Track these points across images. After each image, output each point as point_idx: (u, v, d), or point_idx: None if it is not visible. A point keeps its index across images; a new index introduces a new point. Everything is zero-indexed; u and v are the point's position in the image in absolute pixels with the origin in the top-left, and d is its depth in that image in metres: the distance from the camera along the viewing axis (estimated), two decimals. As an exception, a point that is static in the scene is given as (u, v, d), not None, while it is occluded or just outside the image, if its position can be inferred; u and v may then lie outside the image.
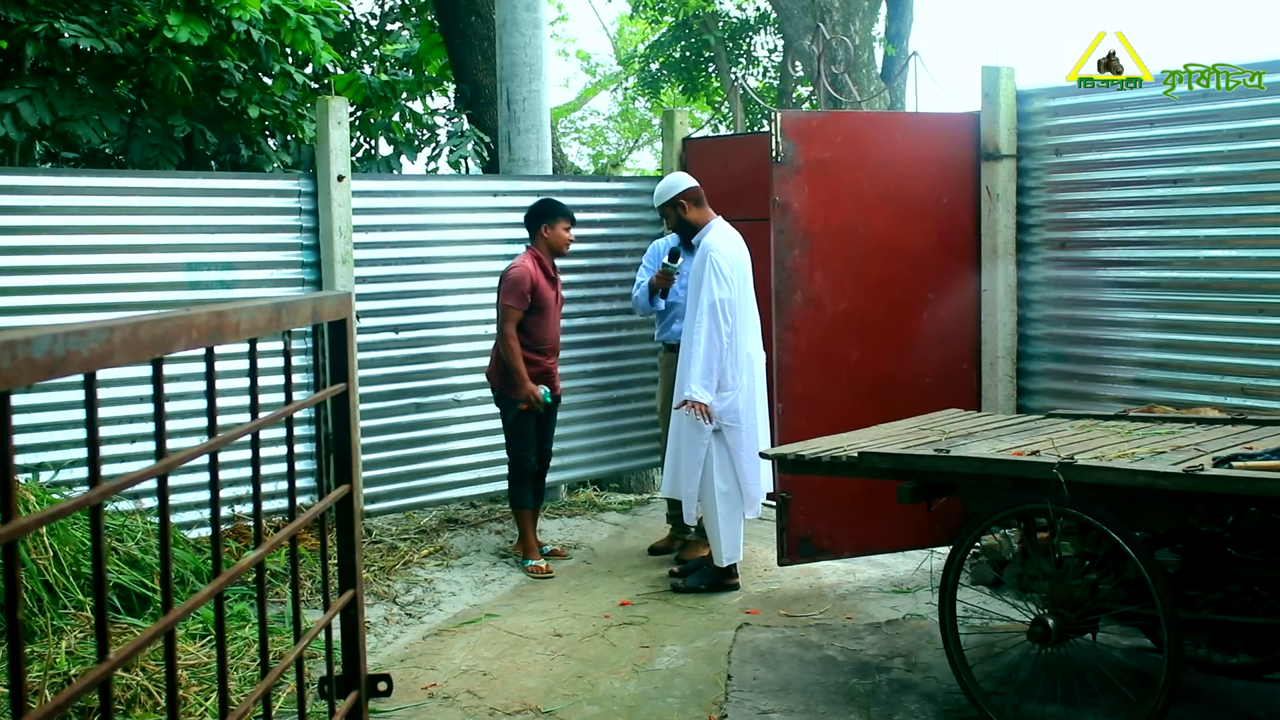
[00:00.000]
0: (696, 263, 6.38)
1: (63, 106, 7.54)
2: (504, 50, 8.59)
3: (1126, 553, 4.20)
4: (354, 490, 2.04)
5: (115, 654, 1.22)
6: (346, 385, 1.99)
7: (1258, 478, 3.85)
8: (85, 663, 4.79)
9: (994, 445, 4.76)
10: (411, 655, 5.65)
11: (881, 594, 6.41)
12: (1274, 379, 5.88)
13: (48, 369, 1.08)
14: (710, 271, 6.24)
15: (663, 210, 6.78)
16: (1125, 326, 6.52)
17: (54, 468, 6.23)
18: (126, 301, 6.54)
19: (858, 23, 13.64)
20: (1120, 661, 4.94)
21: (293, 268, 7.16)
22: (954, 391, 6.76)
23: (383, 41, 12.50)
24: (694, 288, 6.34)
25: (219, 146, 8.72)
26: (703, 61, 19.59)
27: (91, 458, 1.21)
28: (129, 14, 7.85)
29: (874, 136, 6.79)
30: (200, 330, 1.38)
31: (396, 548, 7.22)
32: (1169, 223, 6.30)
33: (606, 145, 29.13)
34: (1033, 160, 6.90)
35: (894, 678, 5.19)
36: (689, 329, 6.32)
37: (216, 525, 1.56)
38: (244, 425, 1.59)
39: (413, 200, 7.75)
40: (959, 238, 6.95)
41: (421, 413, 7.69)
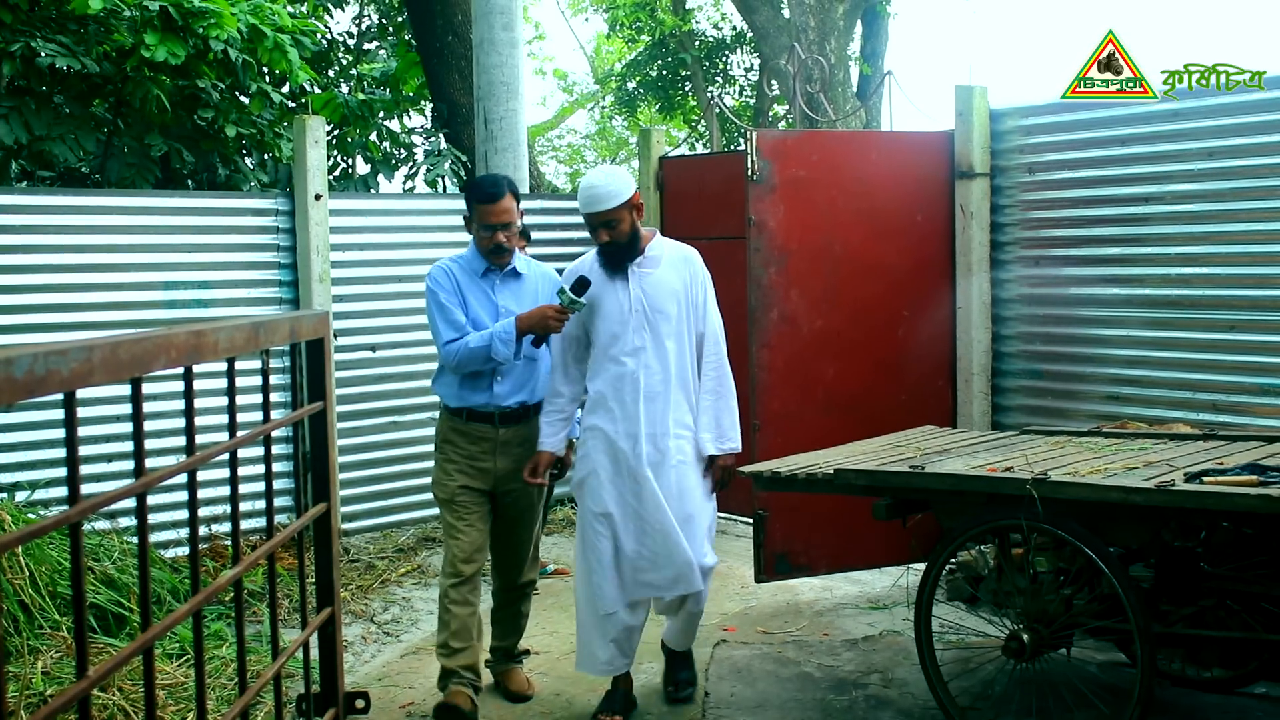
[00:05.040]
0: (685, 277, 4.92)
1: (39, 125, 7.53)
2: (481, 69, 8.61)
3: (1100, 568, 4.23)
4: (332, 508, 2.05)
5: (94, 671, 1.23)
6: (324, 404, 2.00)
7: (1228, 493, 3.88)
8: (61, 683, 4.77)
9: (969, 462, 4.79)
10: (389, 674, 5.64)
11: (858, 610, 6.43)
12: (1245, 395, 5.94)
13: (28, 388, 1.09)
14: (712, 292, 5.04)
15: (609, 216, 4.76)
16: (1099, 343, 6.57)
17: (29, 487, 6.21)
18: (103, 320, 6.54)
19: (833, 42, 13.73)
20: (1095, 676, 4.96)
21: (270, 286, 7.16)
22: (929, 408, 6.79)
23: (360, 61, 12.51)
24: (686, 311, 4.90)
25: (196, 165, 8.71)
26: (679, 80, 19.65)
27: (71, 476, 1.22)
28: (106, 33, 7.84)
29: (849, 155, 6.83)
30: (179, 349, 1.40)
31: (374, 566, 7.21)
32: (1141, 240, 6.36)
33: (584, 164, 29.15)
34: (1006, 178, 6.96)
35: (870, 694, 5.21)
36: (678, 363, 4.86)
37: (195, 543, 1.57)
38: (222, 444, 1.60)
39: (390, 219, 7.76)
40: (934, 255, 7.00)
41: (399, 431, 7.69)
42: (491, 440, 5.01)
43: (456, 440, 5.03)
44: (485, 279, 5.01)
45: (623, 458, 4.80)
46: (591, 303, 4.86)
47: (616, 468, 4.82)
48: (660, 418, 4.81)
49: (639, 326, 4.82)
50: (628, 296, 4.84)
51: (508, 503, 5.12)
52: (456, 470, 5.01)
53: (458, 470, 5.01)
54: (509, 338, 4.82)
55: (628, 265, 4.86)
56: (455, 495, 4.99)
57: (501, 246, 4.92)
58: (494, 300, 4.99)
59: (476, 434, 5.02)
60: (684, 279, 4.92)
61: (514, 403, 5.03)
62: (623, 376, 4.81)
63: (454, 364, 4.91)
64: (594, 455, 4.88)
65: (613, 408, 4.82)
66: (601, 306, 4.88)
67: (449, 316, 4.91)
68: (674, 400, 4.84)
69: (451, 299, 4.92)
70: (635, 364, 4.80)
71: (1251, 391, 5.92)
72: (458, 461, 5.02)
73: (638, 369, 4.80)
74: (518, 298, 5.01)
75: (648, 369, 4.80)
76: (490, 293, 5.00)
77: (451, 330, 4.89)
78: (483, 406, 5.00)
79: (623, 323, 4.83)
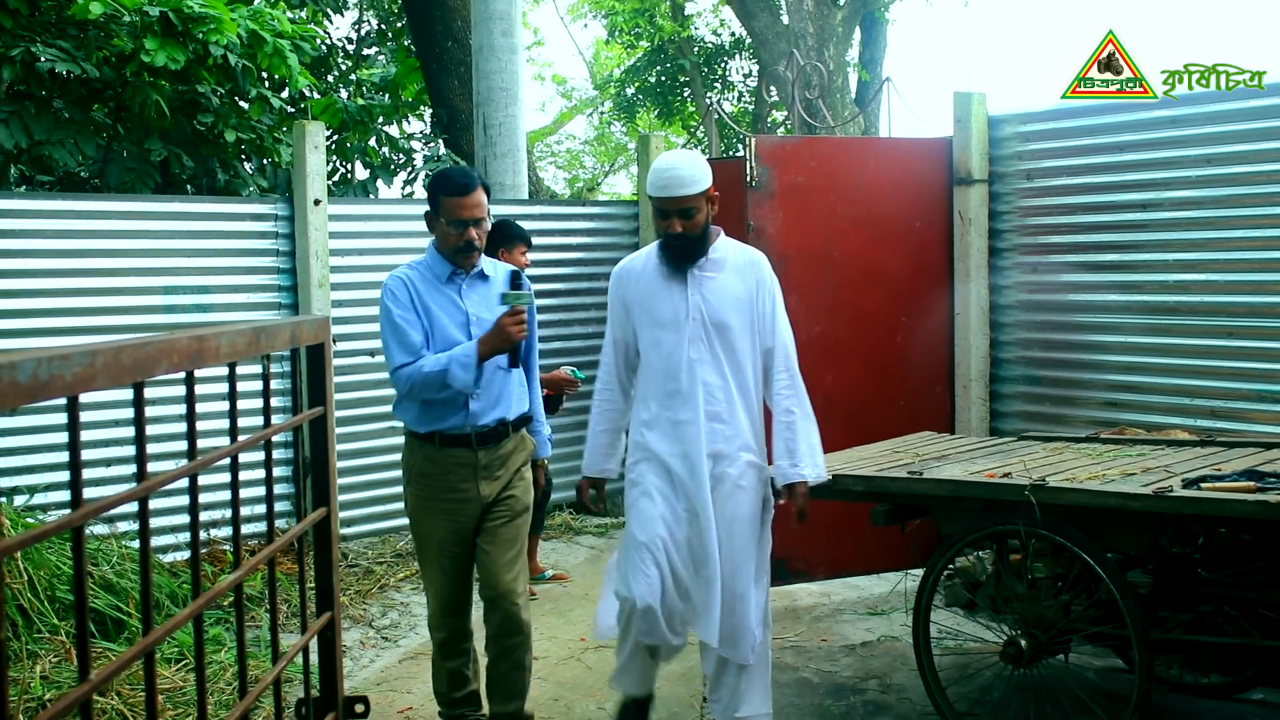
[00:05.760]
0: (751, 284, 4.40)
1: (39, 130, 7.54)
2: (480, 75, 8.62)
3: (1098, 574, 4.24)
4: (332, 513, 2.06)
5: (96, 675, 1.23)
6: (325, 409, 2.00)
7: (1226, 499, 3.90)
8: (60, 687, 4.78)
9: (967, 467, 4.80)
10: (388, 679, 5.64)
11: (856, 616, 6.43)
12: (1243, 401, 5.96)
13: (32, 392, 1.09)
14: (781, 301, 4.48)
15: (688, 204, 4.25)
16: (1097, 349, 6.58)
17: (28, 491, 6.21)
18: (102, 325, 6.55)
19: (832, 48, 13.75)
20: (1093, 682, 4.97)
21: (269, 291, 7.17)
22: (927, 414, 6.80)
23: (359, 66, 12.53)
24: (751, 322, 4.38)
25: (195, 170, 8.72)
26: (678, 86, 19.69)
27: (74, 480, 1.23)
28: (106, 38, 7.86)
29: (848, 161, 6.85)
30: (181, 354, 1.40)
31: (372, 571, 7.21)
32: (1139, 247, 6.38)
33: (582, 169, 29.21)
34: (1004, 185, 6.98)
35: (869, 699, 5.21)
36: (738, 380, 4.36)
37: (196, 547, 1.57)
38: (223, 448, 1.61)
39: (389, 224, 7.76)
40: (932, 262, 7.01)
41: (397, 436, 7.67)
42: (470, 465, 4.40)
43: (430, 472, 4.42)
44: (450, 284, 4.42)
45: (680, 483, 4.29)
46: (643, 307, 4.38)
47: (674, 491, 4.31)
48: (721, 439, 4.29)
49: (696, 337, 4.29)
50: (685, 303, 4.31)
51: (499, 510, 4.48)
52: (435, 508, 4.44)
53: (436, 508, 4.43)
54: (469, 362, 4.21)
55: (689, 267, 4.34)
56: (437, 541, 4.44)
57: (472, 244, 4.36)
58: (463, 307, 4.41)
59: (452, 461, 4.39)
60: (749, 286, 4.38)
61: (491, 420, 4.41)
62: (677, 394, 4.29)
63: (406, 391, 4.32)
64: (647, 477, 4.35)
65: (667, 427, 4.32)
66: (654, 311, 4.35)
67: (403, 338, 4.31)
68: (737, 421, 4.32)
69: (407, 315, 4.33)
70: (691, 380, 4.28)
71: (1249, 398, 5.94)
72: (434, 498, 4.43)
73: (694, 385, 4.27)
74: (487, 302, 4.43)
75: (706, 386, 4.28)
76: (457, 299, 4.42)
77: (405, 353, 4.29)
78: (457, 429, 4.38)
79: (678, 332, 4.30)
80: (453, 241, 4.36)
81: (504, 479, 4.46)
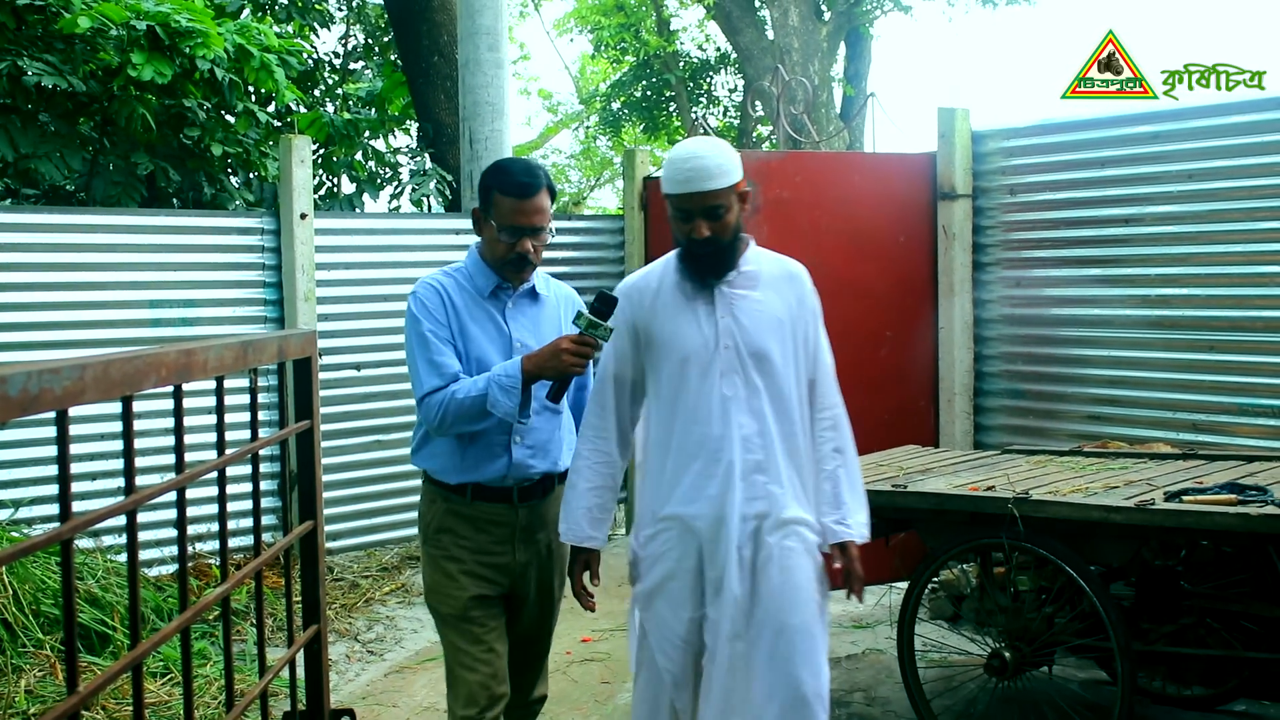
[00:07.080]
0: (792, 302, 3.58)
1: (25, 143, 7.53)
2: (466, 90, 8.64)
3: (1081, 586, 4.26)
4: (318, 526, 2.07)
5: (84, 688, 1.24)
6: (311, 422, 2.01)
7: (1208, 511, 3.92)
8: (45, 701, 4.76)
9: (951, 481, 4.82)
10: (373, 693, 5.63)
11: (841, 629, 6.44)
12: (1224, 415, 5.99)
13: (22, 406, 1.11)
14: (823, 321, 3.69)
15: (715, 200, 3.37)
16: (1080, 363, 6.61)
17: (12, 505, 6.19)
18: (88, 339, 6.53)
19: (817, 63, 13.80)
20: (1076, 694, 4.99)
21: (255, 305, 7.17)
22: (912, 428, 6.82)
23: (346, 80, 12.54)
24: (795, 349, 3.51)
25: (182, 184, 8.71)
26: (664, 101, 19.74)
27: (63, 494, 1.23)
28: (92, 52, 7.86)
29: (832, 176, 6.88)
30: (170, 368, 1.41)
31: (358, 585, 7.20)
32: (1121, 261, 6.41)
33: (568, 183, 29.22)
34: (988, 200, 7.01)
35: (854, 712, 5.22)
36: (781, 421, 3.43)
37: (183, 560, 1.58)
38: (211, 462, 1.62)
39: (375, 238, 7.77)
40: (916, 276, 7.04)
41: (383, 449, 7.68)
42: (509, 526, 3.59)
43: (459, 529, 3.58)
44: (494, 300, 3.62)
45: (707, 553, 3.37)
46: (660, 334, 3.46)
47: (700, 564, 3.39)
48: (761, 498, 3.36)
49: (729, 369, 3.39)
50: (714, 327, 3.42)
51: (527, 606, 3.73)
52: (463, 573, 3.57)
53: (465, 573, 3.57)
54: (513, 384, 3.36)
55: (716, 283, 3.46)
56: (467, 610, 3.55)
57: (525, 259, 3.54)
58: (506, 330, 3.59)
59: (487, 518, 3.58)
60: (789, 305, 3.54)
61: (538, 472, 3.61)
62: (705, 440, 3.37)
63: (436, 423, 3.44)
64: (670, 555, 3.42)
65: (688, 483, 3.39)
66: (675, 340, 3.43)
67: (434, 356, 3.49)
68: (780, 474, 3.39)
69: (440, 331, 3.53)
70: (725, 425, 3.37)
71: (1230, 411, 5.97)
72: (463, 560, 3.57)
73: (729, 431, 3.36)
74: (536, 329, 3.62)
75: (742, 429, 3.37)
76: (501, 319, 3.60)
77: (436, 376, 3.46)
78: (498, 481, 3.56)
79: (705, 363, 3.39)
80: (502, 252, 3.56)
81: (541, 547, 3.68)
